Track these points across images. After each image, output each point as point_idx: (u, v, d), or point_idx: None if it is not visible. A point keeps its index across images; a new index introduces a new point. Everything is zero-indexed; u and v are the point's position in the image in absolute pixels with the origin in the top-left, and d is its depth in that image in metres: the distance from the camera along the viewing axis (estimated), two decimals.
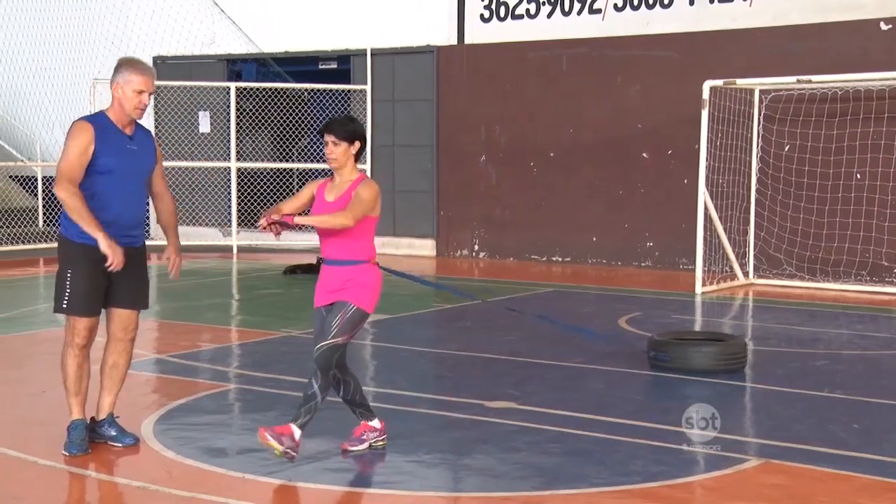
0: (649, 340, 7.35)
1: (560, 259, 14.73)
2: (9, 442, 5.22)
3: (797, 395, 6.66)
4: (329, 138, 4.91)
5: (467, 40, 15.40)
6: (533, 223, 14.85)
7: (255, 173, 16.39)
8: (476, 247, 15.37)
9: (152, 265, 14.51)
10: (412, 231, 15.73)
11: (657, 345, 7.20)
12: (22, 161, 16.33)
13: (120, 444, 5.10)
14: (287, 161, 17.14)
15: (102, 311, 5.12)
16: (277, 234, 4.92)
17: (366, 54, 15.82)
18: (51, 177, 16.64)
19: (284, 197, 16.58)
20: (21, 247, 14.77)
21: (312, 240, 16.10)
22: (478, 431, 5.68)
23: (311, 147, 17.08)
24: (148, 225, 5.07)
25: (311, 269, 12.83)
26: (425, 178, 15.62)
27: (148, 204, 5.34)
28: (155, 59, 17.03)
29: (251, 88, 16.33)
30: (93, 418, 5.17)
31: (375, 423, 5.17)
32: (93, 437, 5.10)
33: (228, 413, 6.23)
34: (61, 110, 17.24)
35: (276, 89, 16.24)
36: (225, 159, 16.14)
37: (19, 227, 15.37)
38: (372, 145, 15.86)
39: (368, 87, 15.84)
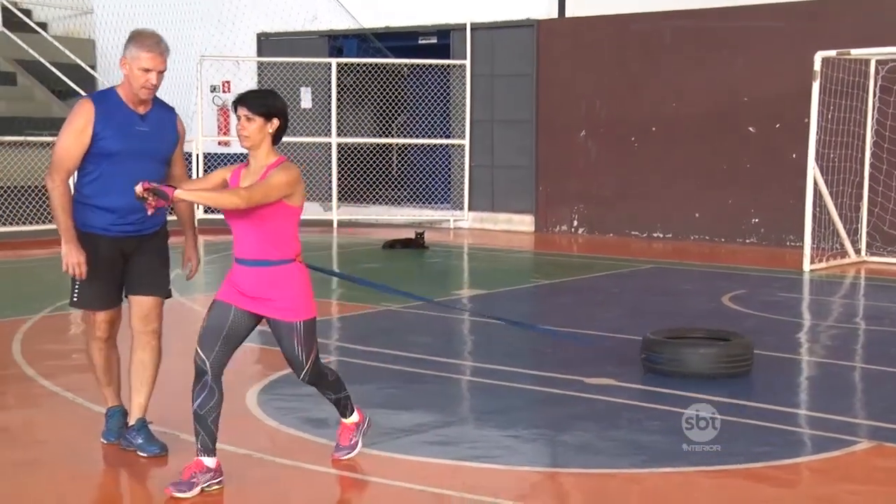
0: (643, 340, 6.39)
1: (661, 235, 14.49)
2: None
3: None
4: (242, 112, 4.18)
5: (568, 13, 15.20)
6: (633, 199, 14.63)
7: (356, 148, 16.55)
8: (575, 222, 15.23)
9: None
10: (511, 207, 15.67)
11: (650, 345, 6.27)
12: None
13: (145, 454, 4.61)
14: (387, 136, 17.25)
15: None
16: (151, 207, 4.02)
17: (465, 29, 15.76)
18: None
19: (383, 172, 16.74)
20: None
21: (413, 215, 16.26)
22: (577, 408, 5.64)
23: (411, 122, 17.15)
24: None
25: (411, 244, 12.92)
26: (524, 153, 15.52)
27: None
28: (259, 35, 17.32)
29: (352, 64, 16.47)
30: (126, 424, 4.77)
31: (211, 461, 4.20)
32: (124, 445, 4.71)
33: None
34: (170, 87, 17.53)
35: (376, 65, 16.34)
36: (326, 135, 16.33)
37: None
38: (471, 120, 15.83)
39: (468, 62, 15.80)
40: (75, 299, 4.64)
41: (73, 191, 4.59)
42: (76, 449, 4.78)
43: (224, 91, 17.44)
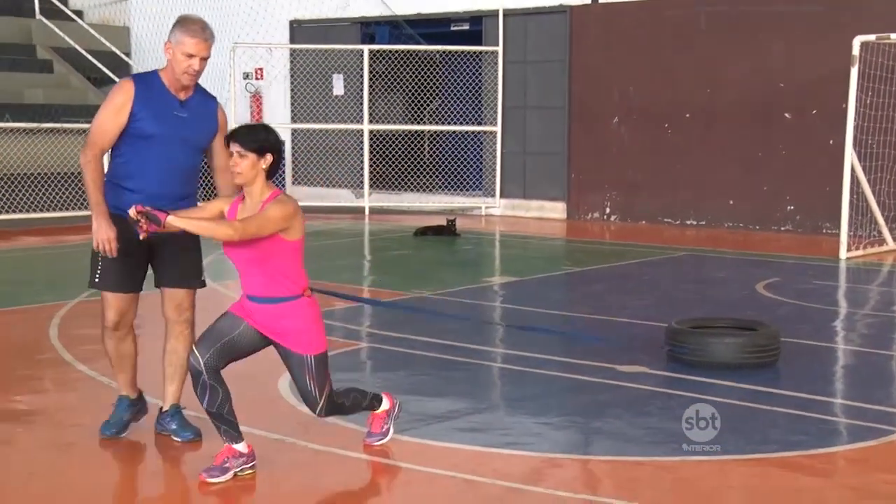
0: (666, 329, 6.29)
1: (694, 223, 14.37)
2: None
3: None
4: (234, 148, 4.07)
5: None
6: (666, 186, 14.52)
7: (387, 135, 16.56)
8: (607, 210, 15.14)
9: None
10: (542, 194, 15.61)
11: (674, 334, 6.17)
12: None
13: (179, 439, 4.66)
14: (418, 123, 17.22)
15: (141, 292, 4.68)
16: (144, 232, 3.97)
17: (498, 15, 15.69)
18: None
19: (415, 159, 16.73)
20: None
21: (444, 202, 16.25)
22: (609, 395, 5.61)
23: (443, 109, 17.12)
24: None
25: (442, 231, 12.91)
26: (556, 140, 15.45)
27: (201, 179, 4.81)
28: (291, 22, 17.35)
29: (384, 51, 16.46)
30: (160, 409, 4.81)
31: (242, 446, 4.25)
32: (159, 429, 4.77)
33: (360, 371, 6.34)
34: (204, 74, 17.71)
35: (408, 51, 16.31)
36: (358, 122, 16.35)
37: None
38: (503, 107, 15.78)
39: (500, 49, 15.73)
40: (97, 279, 4.59)
41: (106, 171, 4.57)
42: None
43: (257, 78, 17.50)
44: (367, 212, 15.78)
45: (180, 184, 4.56)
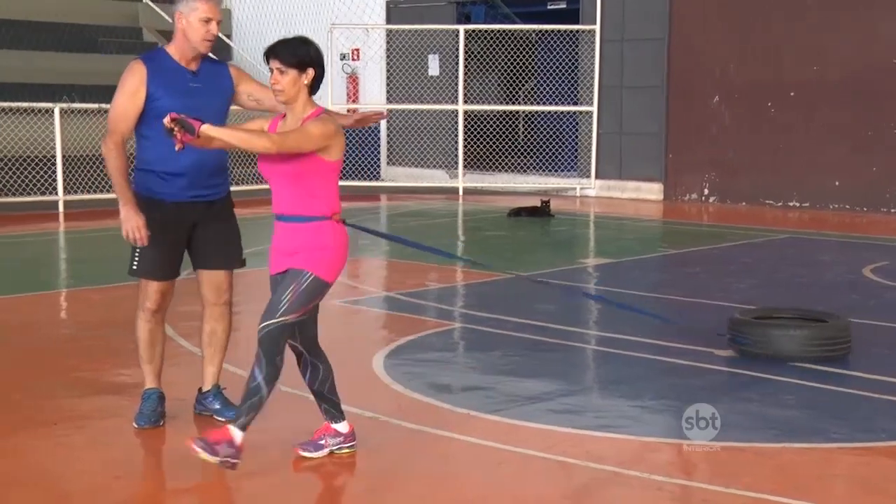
0: (729, 319, 5.99)
1: (797, 204, 13.97)
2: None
3: None
4: (274, 64, 3.89)
5: None
6: (768, 166, 14.13)
7: (482, 116, 16.50)
8: (706, 191, 14.82)
9: (381, 206, 15.01)
10: (639, 174, 15.38)
11: (737, 325, 5.88)
12: None
13: (223, 419, 4.52)
14: (513, 103, 17.13)
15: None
16: (180, 143, 3.74)
17: None
18: None
19: (509, 139, 16.65)
20: (264, 186, 15.67)
21: (538, 183, 16.13)
22: (706, 380, 5.49)
23: (538, 89, 16.98)
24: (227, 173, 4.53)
25: (536, 212, 12.83)
26: (654, 119, 15.18)
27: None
28: (388, 3, 17.42)
29: (479, 30, 16.39)
30: (199, 389, 4.75)
31: (342, 426, 4.21)
32: (199, 410, 4.73)
33: (453, 351, 6.35)
34: None
35: (504, 31, 16.21)
36: (453, 102, 16.33)
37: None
38: (599, 86, 15.57)
39: (597, 27, 15.50)
40: (134, 267, 4.49)
41: (134, 159, 4.49)
42: None
43: (353, 59, 17.64)
44: (461, 192, 15.79)
45: (212, 154, 4.39)
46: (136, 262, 4.48)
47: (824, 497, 3.88)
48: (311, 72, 3.91)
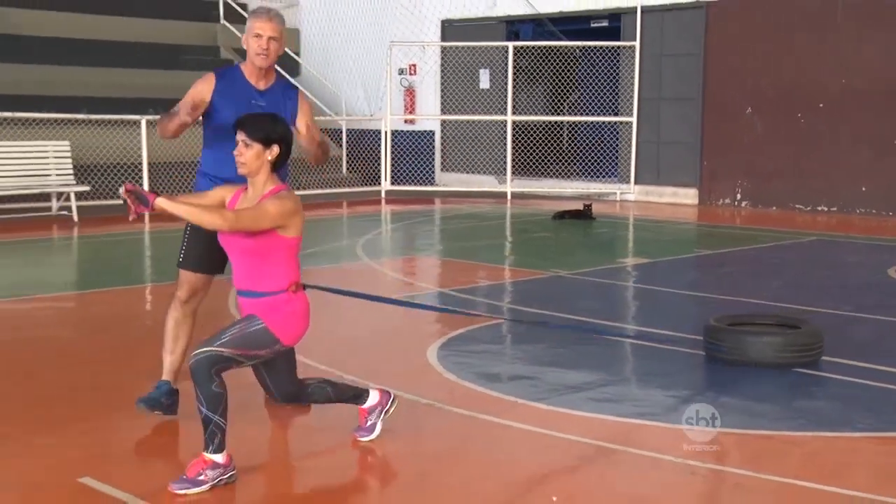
0: (705, 327, 5.70)
1: (826, 209, 13.72)
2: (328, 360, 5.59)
3: None
4: (240, 136, 3.71)
5: None
6: (798, 173, 13.91)
7: (529, 125, 16.48)
8: (738, 196, 14.63)
9: (436, 210, 15.04)
10: (675, 180, 15.24)
11: (711, 332, 5.59)
12: (330, 116, 17.36)
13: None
14: (558, 114, 17.08)
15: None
16: (133, 213, 3.61)
17: (636, 12, 15.34)
18: (352, 129, 17.62)
19: (554, 147, 16.59)
20: (329, 190, 15.83)
21: (581, 188, 16.06)
22: (737, 372, 5.43)
23: (581, 101, 16.90)
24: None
25: (580, 215, 12.77)
26: (690, 129, 15.02)
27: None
28: (443, 21, 17.45)
29: (527, 47, 16.36)
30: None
31: (374, 397, 4.19)
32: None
33: (501, 343, 6.35)
34: (364, 71, 18.12)
35: (550, 47, 16.16)
36: (502, 113, 16.32)
37: (328, 173, 16.45)
38: (639, 98, 15.45)
39: (637, 44, 15.38)
40: (181, 259, 4.45)
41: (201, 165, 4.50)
42: None
43: (410, 74, 17.70)
44: (509, 196, 15.77)
45: None
46: (182, 255, 4.46)
47: (849, 483, 3.82)
48: (275, 148, 3.73)
